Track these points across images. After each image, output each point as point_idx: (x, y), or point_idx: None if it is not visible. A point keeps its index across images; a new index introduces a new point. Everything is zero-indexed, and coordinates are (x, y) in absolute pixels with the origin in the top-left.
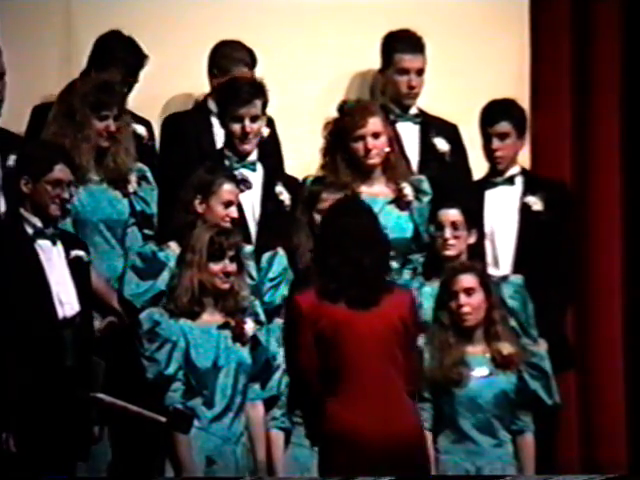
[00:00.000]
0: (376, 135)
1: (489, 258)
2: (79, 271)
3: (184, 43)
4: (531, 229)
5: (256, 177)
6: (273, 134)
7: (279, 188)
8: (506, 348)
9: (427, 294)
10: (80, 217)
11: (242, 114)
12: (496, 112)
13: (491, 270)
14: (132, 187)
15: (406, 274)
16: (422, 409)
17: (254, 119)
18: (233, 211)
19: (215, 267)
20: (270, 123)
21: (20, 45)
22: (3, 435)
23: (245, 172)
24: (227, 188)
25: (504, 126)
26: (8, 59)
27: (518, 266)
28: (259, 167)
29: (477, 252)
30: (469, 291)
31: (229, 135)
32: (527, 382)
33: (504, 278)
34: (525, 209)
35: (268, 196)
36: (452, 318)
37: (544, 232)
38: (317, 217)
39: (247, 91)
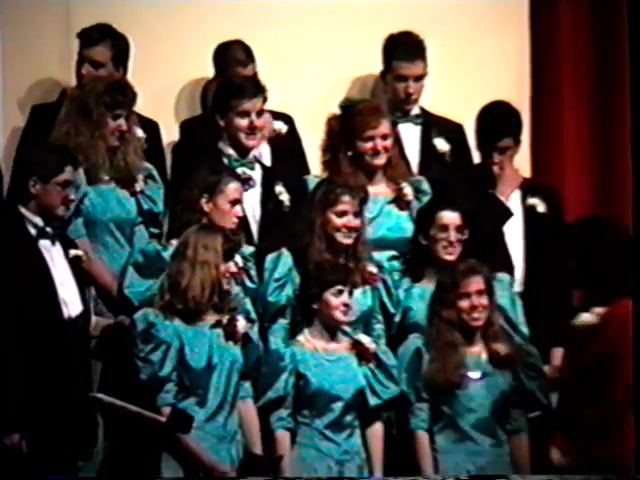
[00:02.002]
0: (385, 136)
1: None
2: (79, 270)
3: (184, 43)
4: (537, 230)
5: (254, 176)
6: (293, 132)
7: (279, 188)
8: (503, 348)
9: (416, 295)
10: (91, 217)
11: (248, 109)
12: (498, 128)
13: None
14: (139, 186)
15: (395, 275)
16: (420, 409)
17: (259, 114)
18: (239, 210)
19: (223, 267)
20: (289, 121)
21: (20, 45)
22: (16, 436)
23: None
24: (233, 187)
25: (506, 142)
26: (8, 58)
27: (527, 267)
28: (257, 167)
29: (479, 254)
30: (480, 293)
31: (231, 131)
32: (524, 382)
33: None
34: (530, 211)
35: (268, 196)
36: (460, 318)
37: (549, 233)
38: (334, 218)
39: (251, 86)
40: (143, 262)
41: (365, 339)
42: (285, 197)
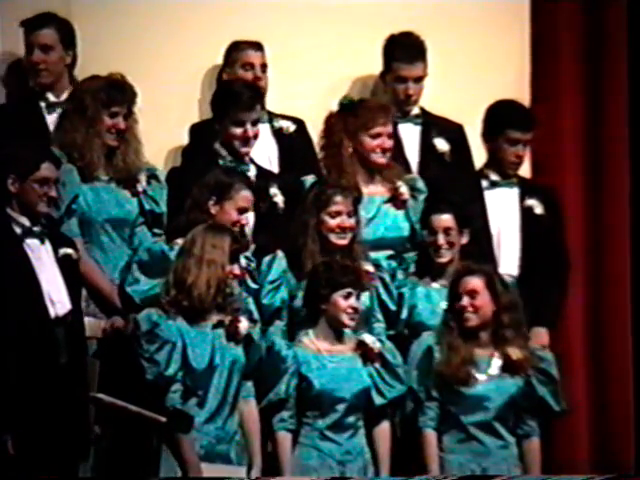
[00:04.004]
0: (390, 136)
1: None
2: (68, 269)
3: (185, 43)
4: (534, 232)
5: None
6: (304, 134)
7: (273, 190)
8: (516, 353)
9: (420, 294)
10: (86, 217)
11: (244, 118)
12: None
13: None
14: (141, 186)
15: (399, 274)
16: (429, 408)
17: (254, 123)
18: (245, 218)
19: (228, 268)
20: (300, 125)
21: (20, 46)
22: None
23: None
24: (243, 194)
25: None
26: (8, 58)
27: (524, 268)
28: (252, 167)
29: (482, 253)
30: (472, 293)
31: (226, 137)
32: (535, 387)
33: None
34: (527, 212)
35: (262, 198)
36: (456, 319)
37: (547, 235)
38: (328, 219)
39: (249, 96)
40: (148, 260)
41: (369, 339)
42: (279, 199)
